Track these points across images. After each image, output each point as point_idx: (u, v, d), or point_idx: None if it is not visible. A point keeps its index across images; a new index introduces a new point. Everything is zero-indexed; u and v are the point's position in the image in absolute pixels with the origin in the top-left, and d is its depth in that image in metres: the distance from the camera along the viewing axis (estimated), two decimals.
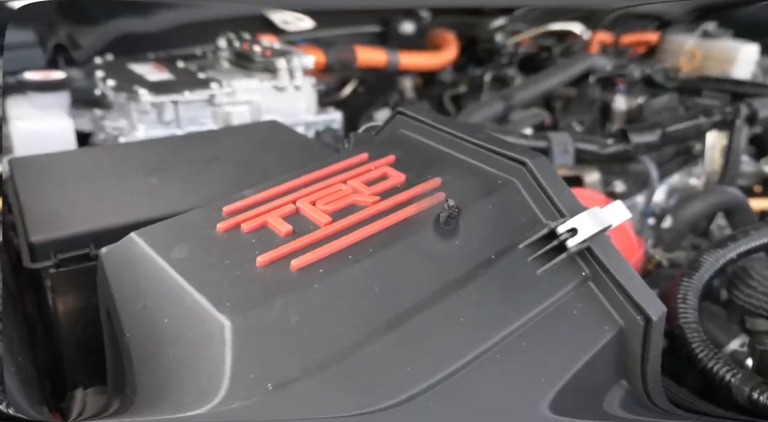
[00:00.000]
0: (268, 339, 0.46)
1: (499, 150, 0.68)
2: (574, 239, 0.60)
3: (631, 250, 0.94)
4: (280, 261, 0.52)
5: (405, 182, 0.66)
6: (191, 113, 1.40)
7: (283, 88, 1.53)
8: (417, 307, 0.52)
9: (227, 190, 0.78)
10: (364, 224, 0.58)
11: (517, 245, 0.61)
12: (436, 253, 0.57)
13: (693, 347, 0.76)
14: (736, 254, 0.87)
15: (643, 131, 1.33)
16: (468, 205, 0.63)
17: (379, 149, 0.74)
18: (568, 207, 0.63)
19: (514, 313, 0.55)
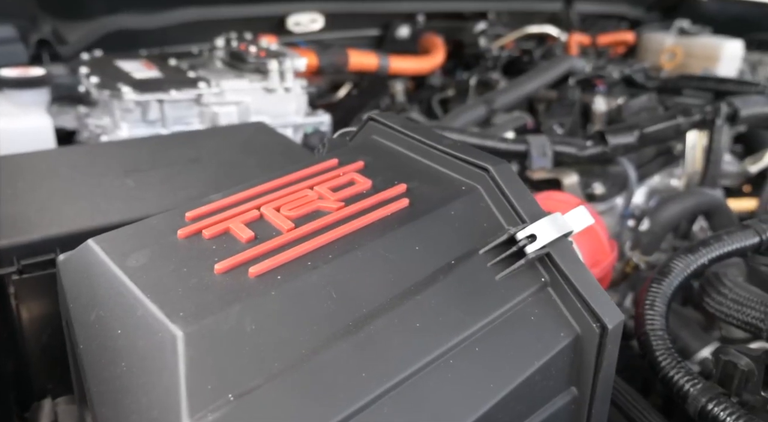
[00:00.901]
0: (223, 349, 0.46)
1: (462, 157, 0.69)
2: (532, 246, 0.61)
3: (602, 254, 0.94)
4: (238, 269, 0.53)
5: (371, 188, 0.67)
6: (177, 112, 1.41)
7: (272, 90, 1.53)
8: (374, 312, 0.53)
9: (204, 192, 0.78)
10: (327, 230, 0.59)
11: (478, 250, 0.62)
12: (396, 258, 0.58)
13: (656, 355, 0.77)
14: (707, 259, 0.88)
15: (620, 133, 1.34)
16: (430, 211, 0.64)
17: (349, 154, 0.75)
18: (529, 213, 0.64)
19: (470, 318, 0.56)
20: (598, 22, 2.99)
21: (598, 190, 1.43)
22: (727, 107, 1.42)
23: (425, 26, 2.51)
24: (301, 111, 1.59)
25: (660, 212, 1.25)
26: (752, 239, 0.89)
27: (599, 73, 1.85)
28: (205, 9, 2.04)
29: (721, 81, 1.77)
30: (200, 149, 1.08)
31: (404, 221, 0.62)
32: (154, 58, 1.70)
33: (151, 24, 1.95)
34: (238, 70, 1.55)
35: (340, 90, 2.37)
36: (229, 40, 1.70)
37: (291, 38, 2.24)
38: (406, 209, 0.64)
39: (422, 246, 0.60)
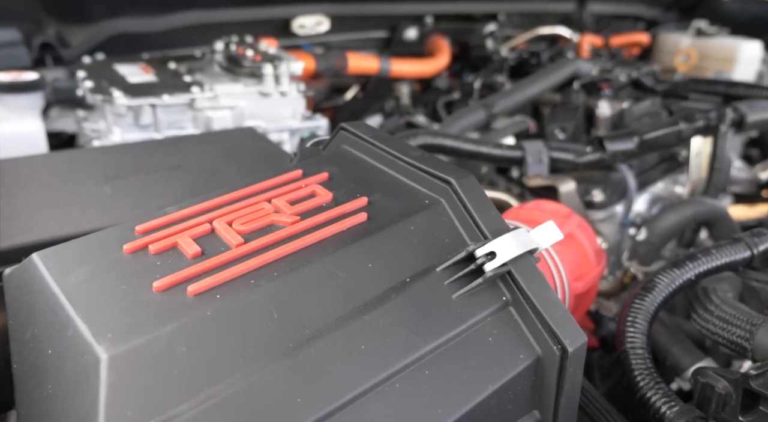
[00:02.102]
0: (149, 373, 0.44)
1: (427, 169, 0.66)
2: (491, 263, 0.59)
3: (587, 266, 0.91)
4: (177, 287, 0.51)
5: (331, 200, 0.66)
6: (170, 116, 1.41)
7: (267, 94, 1.52)
8: (317, 334, 0.51)
9: (180, 200, 0.77)
10: (277, 245, 0.58)
11: (436, 267, 0.60)
12: (346, 276, 0.56)
13: (634, 374, 0.74)
14: (694, 274, 0.84)
15: (618, 139, 1.31)
16: (388, 226, 0.62)
17: (316, 165, 0.73)
18: (492, 229, 0.62)
19: (422, 339, 0.54)
20: (613, 23, 2.94)
21: (597, 197, 1.40)
22: (733, 113, 1.38)
23: (433, 28, 2.49)
24: (298, 115, 1.58)
25: (657, 223, 1.22)
26: (743, 253, 0.85)
27: (605, 76, 1.81)
28: (208, 12, 2.04)
29: (731, 85, 1.71)
30: (184, 156, 1.07)
31: (359, 237, 0.60)
32: (154, 61, 1.70)
33: (155, 27, 1.96)
34: (234, 74, 1.54)
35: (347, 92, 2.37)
36: (228, 43, 1.69)
37: (296, 41, 2.23)
38: (363, 223, 0.62)
39: (376, 263, 0.58)
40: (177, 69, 1.61)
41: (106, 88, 1.35)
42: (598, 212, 1.41)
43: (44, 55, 1.75)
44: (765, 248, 0.86)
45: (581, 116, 1.67)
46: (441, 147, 1.30)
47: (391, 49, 2.47)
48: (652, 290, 0.82)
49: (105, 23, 1.87)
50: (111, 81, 1.40)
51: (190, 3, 1.99)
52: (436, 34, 2.39)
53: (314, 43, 2.27)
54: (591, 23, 2.80)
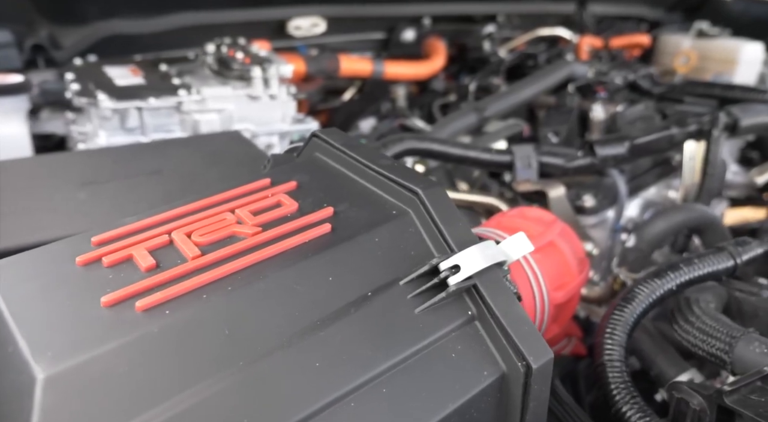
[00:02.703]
0: (88, 393, 0.43)
1: (395, 178, 0.65)
2: (455, 277, 0.57)
3: (568, 276, 0.90)
4: (126, 302, 0.50)
5: (296, 211, 0.64)
6: (157, 120, 1.39)
7: (256, 97, 1.51)
8: (269, 351, 0.49)
9: (155, 207, 0.76)
10: (236, 258, 0.56)
11: (399, 281, 0.58)
12: (304, 290, 0.55)
13: (611, 388, 0.72)
14: (675, 285, 0.83)
15: (609, 144, 1.29)
16: (352, 237, 0.60)
17: (285, 173, 0.72)
18: (458, 241, 0.60)
19: (380, 355, 0.52)
20: (615, 24, 2.91)
21: (588, 202, 1.38)
22: (727, 117, 1.35)
23: (431, 29, 2.47)
24: (288, 118, 1.56)
25: (646, 229, 1.20)
26: (726, 262, 0.83)
27: (601, 79, 1.79)
28: (202, 13, 2.03)
29: (728, 88, 1.69)
30: (165, 160, 1.06)
31: (321, 249, 0.59)
32: (145, 63, 1.69)
33: (148, 29, 1.95)
34: (223, 76, 1.53)
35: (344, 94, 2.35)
36: (219, 45, 1.68)
37: (292, 43, 2.22)
38: (327, 235, 0.60)
39: (337, 276, 0.57)
40: (168, 71, 1.60)
41: (91, 90, 1.34)
42: (589, 217, 1.39)
43: (36, 57, 1.75)
44: (749, 258, 0.84)
45: (575, 120, 1.65)
46: (428, 152, 1.28)
47: (388, 51, 2.45)
48: (631, 301, 0.80)
49: (98, 25, 1.87)
50: (98, 84, 1.39)
51: (184, 4, 1.98)
52: (432, 36, 2.38)
53: (310, 45, 2.26)
54: (592, 24, 2.77)
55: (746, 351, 0.71)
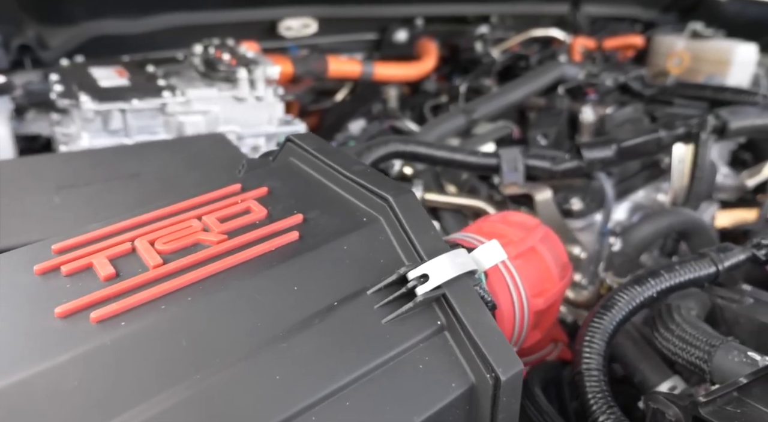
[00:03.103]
0: (36, 409, 0.42)
1: (366, 185, 0.64)
2: (424, 286, 0.56)
3: (549, 282, 0.88)
4: (81, 313, 0.49)
5: (265, 218, 0.63)
6: (141, 121, 1.38)
7: (242, 99, 1.50)
8: (227, 364, 0.48)
9: (130, 211, 0.75)
10: (198, 266, 0.55)
11: (367, 290, 0.57)
12: (267, 300, 0.54)
13: (588, 397, 0.71)
14: (655, 292, 0.81)
15: (596, 147, 1.28)
16: (320, 245, 0.59)
17: (257, 179, 0.71)
18: (428, 249, 0.59)
19: (344, 368, 0.51)
20: (609, 25, 2.90)
21: (576, 206, 1.37)
22: (715, 120, 1.34)
23: (424, 30, 2.46)
24: (275, 120, 1.55)
25: (632, 234, 1.19)
26: (708, 269, 0.82)
27: (591, 80, 1.78)
28: (192, 14, 2.02)
29: (718, 90, 1.68)
30: (144, 163, 1.05)
31: (287, 257, 0.57)
32: (132, 64, 1.68)
33: (137, 29, 1.94)
34: (210, 78, 1.51)
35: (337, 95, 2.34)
36: (207, 46, 1.67)
37: (283, 43, 2.21)
38: (294, 243, 0.59)
39: (302, 286, 0.55)
40: (154, 72, 1.58)
41: (74, 92, 1.33)
42: (577, 220, 1.38)
43: (23, 57, 1.73)
44: (731, 264, 0.83)
45: (564, 122, 1.63)
46: (414, 154, 1.27)
47: (381, 52, 2.44)
48: (611, 309, 0.79)
49: (85, 25, 1.85)
50: (81, 85, 1.38)
51: (174, 5, 1.96)
52: (424, 37, 2.36)
53: (302, 46, 2.25)
54: (586, 25, 2.76)
55: (725, 360, 0.70)
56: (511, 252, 0.86)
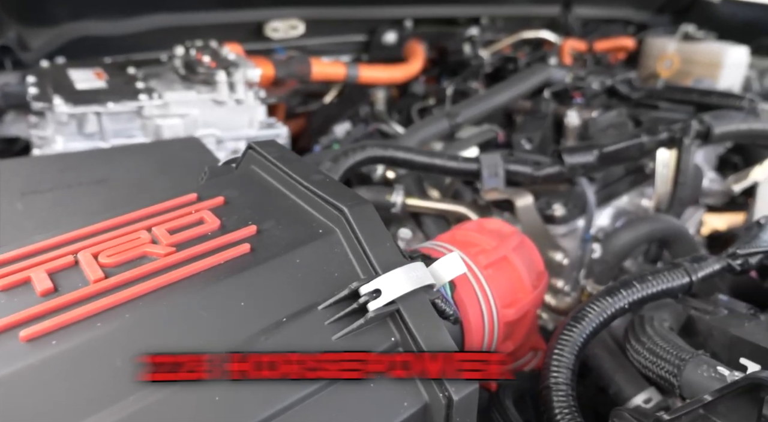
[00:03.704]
0: None
1: (323, 195, 0.62)
2: (376, 302, 0.54)
3: (521, 292, 0.86)
4: (12, 330, 0.47)
5: (218, 229, 0.61)
6: (117, 125, 1.36)
7: (221, 102, 1.48)
8: (165, 384, 0.46)
9: (92, 219, 0.73)
10: (141, 281, 0.53)
11: (318, 305, 0.55)
12: (212, 316, 0.52)
13: (555, 413, 0.69)
14: (627, 303, 0.80)
15: (577, 152, 1.26)
16: (271, 258, 0.57)
17: (215, 188, 0.69)
18: (384, 263, 0.57)
19: (287, 387, 0.49)
20: (601, 27, 2.89)
21: (558, 211, 1.34)
22: (699, 125, 1.33)
23: (413, 32, 2.44)
24: (256, 123, 1.53)
25: (611, 241, 1.17)
26: (681, 279, 0.80)
27: (578, 84, 1.76)
28: (178, 15, 1.99)
29: (706, 93, 1.67)
30: (113, 168, 1.03)
31: (236, 271, 0.55)
32: (113, 66, 1.66)
33: (120, 30, 1.91)
34: (189, 81, 1.49)
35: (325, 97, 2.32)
36: (189, 48, 1.65)
37: (270, 45, 2.19)
38: (245, 256, 0.57)
39: (250, 301, 0.54)
40: (135, 74, 1.56)
41: (48, 94, 1.31)
42: (560, 226, 1.36)
43: (3, 59, 1.71)
44: (705, 274, 0.81)
45: (549, 126, 1.62)
46: (392, 160, 1.25)
47: (369, 53, 2.42)
48: (581, 321, 0.77)
49: (67, 26, 1.83)
50: (56, 87, 1.36)
51: (158, 6, 1.94)
52: (413, 39, 2.34)
53: (289, 47, 2.23)
54: (578, 27, 2.75)
55: (694, 375, 0.68)
56: (482, 262, 0.84)
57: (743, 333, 0.70)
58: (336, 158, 1.16)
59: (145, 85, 1.45)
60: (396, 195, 1.39)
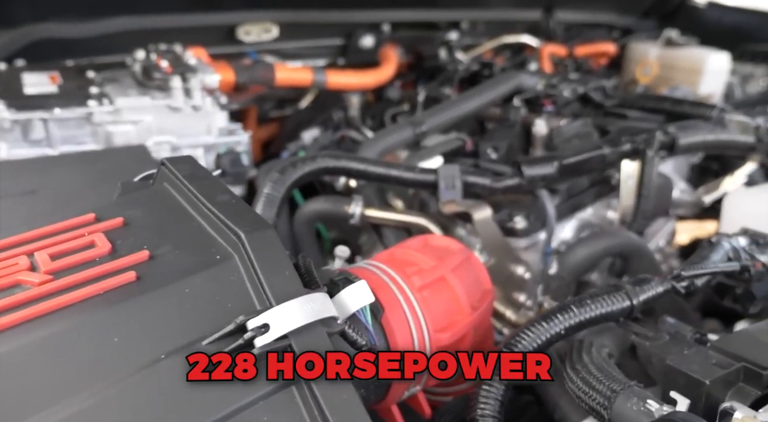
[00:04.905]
0: None
1: (222, 218, 0.58)
2: (264, 337, 0.50)
3: (458, 314, 0.82)
4: None
5: (107, 254, 0.57)
6: (66, 131, 1.32)
7: (177, 108, 1.44)
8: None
9: (10, 234, 0.69)
10: (10, 312, 0.49)
11: (203, 340, 0.51)
12: (79, 354, 0.48)
13: None
14: (563, 328, 0.76)
15: (537, 163, 1.22)
16: (157, 288, 0.53)
17: (118, 207, 0.65)
18: (279, 293, 0.53)
19: None
20: (585, 32, 2.85)
21: (519, 224, 1.31)
22: (663, 136, 1.29)
23: (391, 36, 2.40)
24: (215, 130, 1.49)
25: (567, 257, 1.13)
26: (621, 303, 0.77)
27: (549, 91, 1.72)
28: (145, 18, 1.95)
29: (677, 102, 1.63)
30: (45, 179, 0.99)
31: (115, 302, 0.52)
32: (72, 70, 1.62)
33: (84, 33, 1.87)
34: (145, 86, 1.45)
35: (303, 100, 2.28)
36: (150, 52, 1.61)
37: (243, 48, 2.15)
38: (129, 285, 0.53)
39: (126, 337, 0.50)
40: (93, 79, 1.52)
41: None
42: (521, 239, 1.32)
43: None
44: (646, 298, 0.77)
45: (516, 134, 1.58)
46: (345, 170, 1.21)
47: (346, 58, 2.39)
48: (513, 348, 0.74)
49: (28, 28, 1.79)
50: (3, 92, 1.31)
51: (124, 8, 1.90)
52: (388, 44, 2.31)
53: (263, 51, 2.19)
54: (560, 31, 2.71)
55: (624, 408, 0.64)
56: (416, 283, 0.81)
57: (678, 361, 0.67)
58: (284, 169, 1.12)
59: (99, 90, 1.41)
60: (354, 206, 1.35)
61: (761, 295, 0.95)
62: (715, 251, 0.86)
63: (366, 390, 0.72)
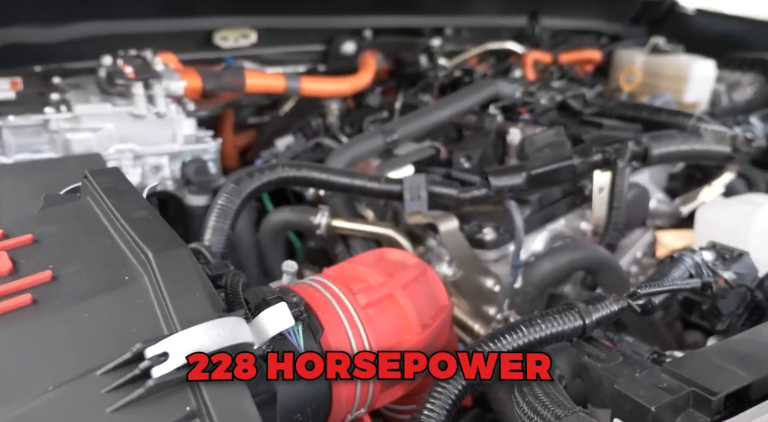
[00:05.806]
0: None
1: (133, 236, 0.54)
2: (162, 367, 0.47)
3: (406, 333, 0.79)
4: None
5: (7, 274, 0.53)
6: (21, 139, 1.29)
7: (140, 116, 1.40)
8: None
9: None
10: None
11: (97, 370, 0.47)
12: None
13: None
14: (512, 348, 0.72)
15: (504, 174, 1.19)
16: (54, 312, 0.50)
17: (29, 222, 0.61)
18: (186, 318, 0.50)
19: None
20: (572, 39, 2.83)
21: (488, 236, 1.28)
22: (636, 146, 1.26)
23: (372, 42, 2.37)
24: (180, 138, 1.46)
25: (531, 271, 1.10)
26: (573, 322, 0.73)
27: (526, 99, 1.68)
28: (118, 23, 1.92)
29: (655, 111, 1.60)
30: None
31: (4, 328, 0.48)
32: (36, 75, 1.58)
33: (54, 38, 1.83)
34: (107, 93, 1.42)
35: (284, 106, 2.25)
36: (116, 57, 1.57)
37: (220, 54, 2.12)
38: (23, 308, 0.50)
39: (10, 367, 0.46)
40: (57, 85, 1.49)
41: None
42: (491, 251, 1.29)
43: None
44: (599, 317, 0.74)
45: (491, 143, 1.54)
46: (307, 180, 1.18)
47: (327, 64, 2.35)
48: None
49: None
50: None
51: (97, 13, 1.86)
52: (368, 50, 2.28)
53: (240, 57, 2.16)
54: (546, 38, 2.68)
55: None
56: (361, 301, 0.77)
57: (626, 386, 0.63)
58: (239, 179, 1.08)
59: (61, 96, 1.37)
60: (320, 216, 1.32)
61: (727, 312, 0.92)
62: (676, 268, 0.83)
63: (302, 415, 0.68)
